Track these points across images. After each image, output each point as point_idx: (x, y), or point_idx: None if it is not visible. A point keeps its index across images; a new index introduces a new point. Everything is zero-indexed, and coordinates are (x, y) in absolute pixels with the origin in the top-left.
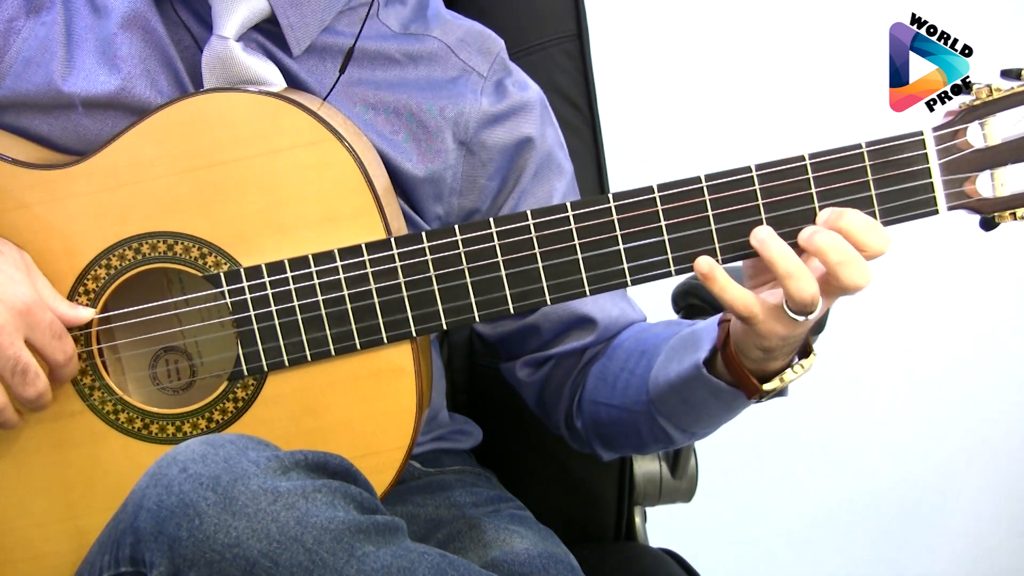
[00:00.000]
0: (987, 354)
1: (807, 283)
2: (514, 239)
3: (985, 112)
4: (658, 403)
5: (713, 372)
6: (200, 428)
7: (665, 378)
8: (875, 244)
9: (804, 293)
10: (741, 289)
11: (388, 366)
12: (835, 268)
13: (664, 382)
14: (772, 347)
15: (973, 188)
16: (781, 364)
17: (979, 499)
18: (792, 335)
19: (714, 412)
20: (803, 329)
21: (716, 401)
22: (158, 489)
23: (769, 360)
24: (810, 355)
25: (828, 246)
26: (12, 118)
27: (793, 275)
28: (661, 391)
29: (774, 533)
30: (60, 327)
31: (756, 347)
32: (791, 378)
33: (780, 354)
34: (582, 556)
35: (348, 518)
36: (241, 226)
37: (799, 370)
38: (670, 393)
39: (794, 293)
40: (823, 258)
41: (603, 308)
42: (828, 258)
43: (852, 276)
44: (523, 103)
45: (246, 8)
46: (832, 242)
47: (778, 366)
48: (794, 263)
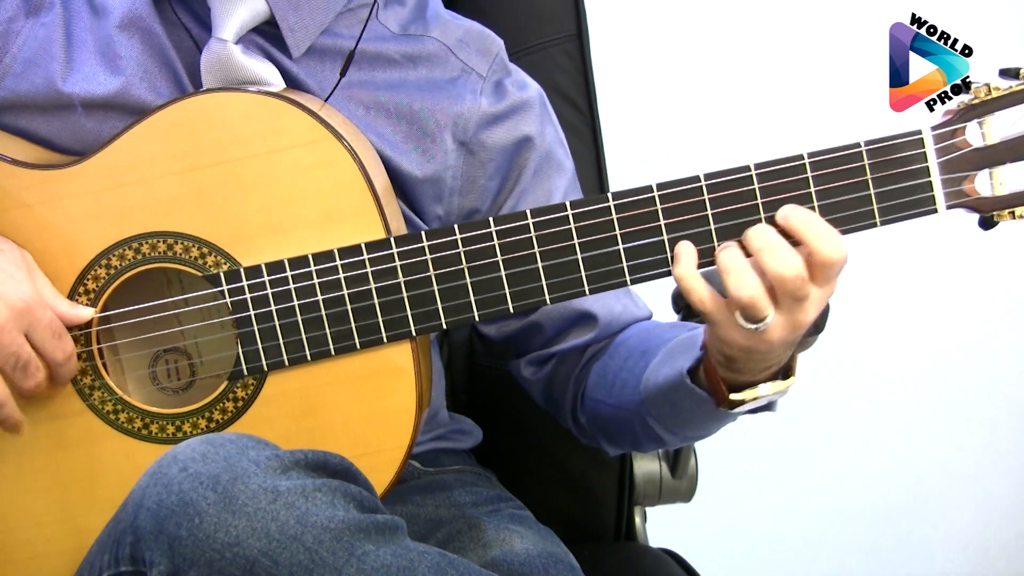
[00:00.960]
0: (987, 354)
1: (744, 279)
2: (513, 238)
3: (984, 111)
4: (648, 405)
5: (697, 381)
6: (200, 428)
7: (655, 381)
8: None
9: (739, 290)
10: (699, 279)
11: (388, 366)
12: (756, 255)
13: (653, 385)
14: (733, 356)
15: (972, 187)
16: (752, 378)
17: (979, 499)
18: (753, 349)
19: (698, 419)
20: (765, 346)
21: (698, 408)
22: (158, 488)
23: (734, 371)
24: (790, 377)
25: (752, 234)
26: (12, 119)
27: (731, 270)
28: (651, 394)
29: (774, 533)
30: (60, 326)
31: (719, 352)
32: (763, 392)
33: (745, 368)
34: (582, 556)
35: (348, 517)
36: (241, 226)
37: (772, 388)
38: (658, 396)
39: (731, 290)
40: (749, 247)
41: (605, 305)
42: (750, 244)
43: (772, 262)
44: (522, 102)
45: (245, 10)
46: (755, 230)
47: (747, 379)
48: (732, 258)
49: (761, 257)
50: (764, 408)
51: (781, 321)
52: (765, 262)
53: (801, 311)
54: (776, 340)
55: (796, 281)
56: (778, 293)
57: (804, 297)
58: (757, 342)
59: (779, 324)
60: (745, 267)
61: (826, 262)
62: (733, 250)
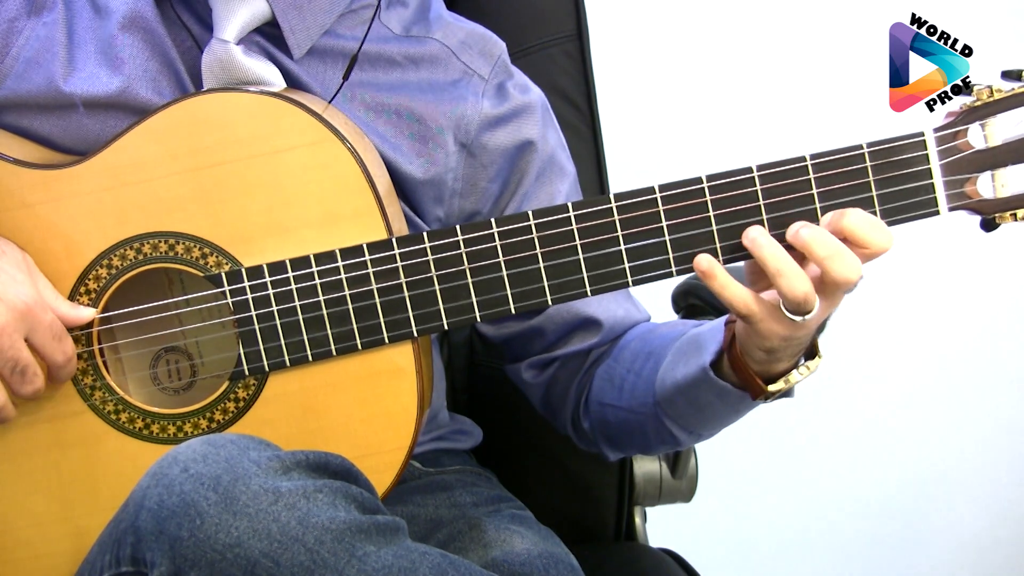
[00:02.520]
0: (988, 355)
1: (797, 280)
2: (515, 239)
3: (986, 113)
4: (664, 405)
5: (719, 374)
6: (201, 428)
7: (672, 380)
8: (877, 241)
9: (795, 290)
10: (740, 287)
11: (389, 366)
12: (822, 263)
13: (671, 384)
14: (774, 348)
15: (974, 189)
16: (786, 365)
17: (981, 500)
18: (794, 336)
19: (721, 414)
20: (805, 331)
21: (722, 403)
22: (159, 489)
23: (773, 361)
24: (816, 357)
25: (813, 240)
26: (14, 118)
27: (783, 272)
28: (667, 393)
29: (774, 533)
30: (60, 328)
31: (759, 348)
32: (796, 379)
33: (784, 356)
34: (582, 556)
35: (349, 518)
36: (242, 226)
37: (804, 372)
38: (676, 395)
39: (785, 291)
40: (809, 253)
41: (607, 309)
42: (814, 252)
43: (840, 269)
44: (524, 106)
45: (247, 11)
46: (816, 236)
47: (783, 367)
48: (783, 260)
49: (829, 264)
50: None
51: (822, 308)
52: (833, 269)
53: (841, 297)
54: (814, 324)
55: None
56: (830, 289)
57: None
58: (798, 329)
59: (820, 311)
60: (797, 268)
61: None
62: (778, 251)
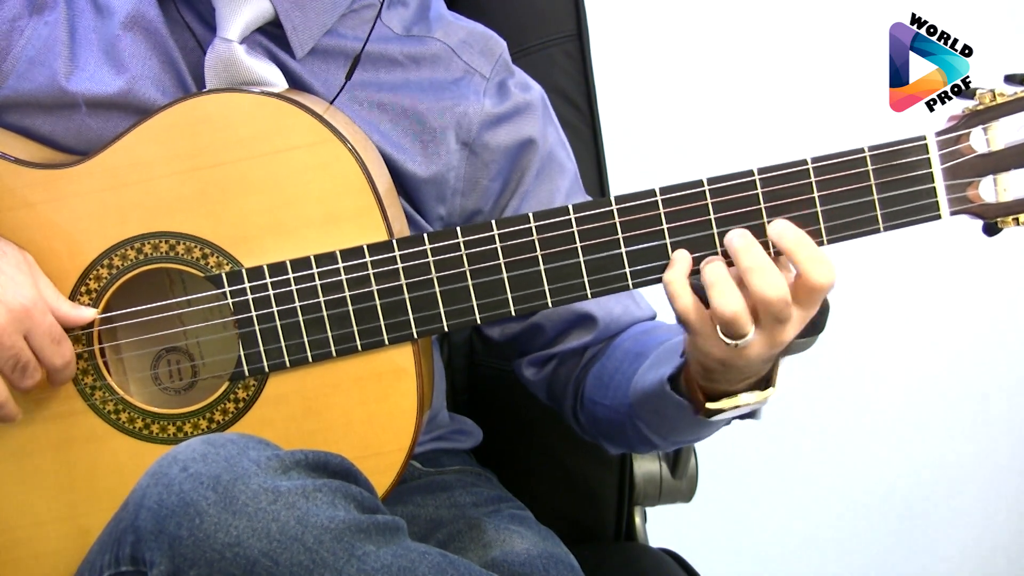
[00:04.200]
0: (989, 357)
1: (728, 296)
2: (516, 241)
3: (988, 117)
4: (636, 409)
5: (679, 387)
6: (201, 428)
7: (642, 386)
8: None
9: (724, 306)
10: (686, 289)
11: (389, 367)
12: (744, 274)
13: (640, 390)
14: (711, 368)
15: (976, 193)
16: (729, 388)
17: (982, 500)
18: (732, 364)
19: (681, 426)
20: (743, 362)
21: (679, 416)
22: (159, 488)
23: (712, 381)
24: (768, 388)
25: (740, 251)
26: (16, 118)
27: (715, 284)
28: (638, 398)
29: (774, 533)
30: (59, 331)
31: (696, 362)
32: (741, 402)
33: (723, 379)
34: (582, 556)
35: (349, 517)
36: (243, 226)
37: (749, 398)
38: (644, 401)
39: (715, 304)
40: (736, 262)
41: (604, 306)
42: (739, 262)
43: (758, 284)
44: (525, 104)
45: (250, 11)
46: (744, 249)
47: (725, 388)
48: (717, 272)
49: (748, 277)
50: (747, 416)
51: (761, 339)
52: (752, 283)
53: (781, 331)
54: (754, 356)
55: (780, 303)
56: (761, 313)
57: (787, 319)
58: (735, 357)
59: (759, 342)
60: (729, 283)
61: (814, 288)
62: (719, 264)
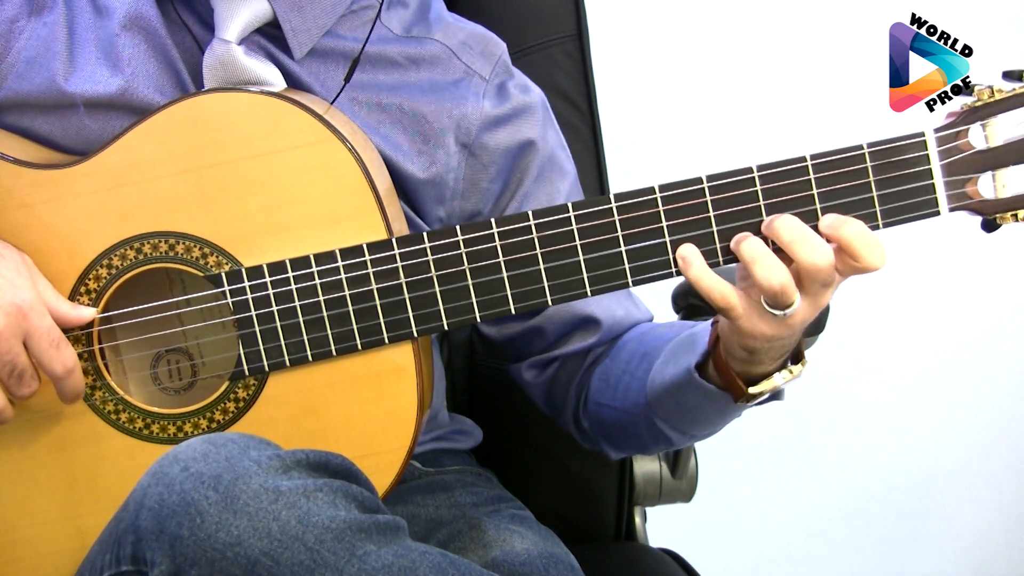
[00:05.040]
0: (989, 354)
1: (773, 268)
2: (516, 239)
3: (987, 113)
4: (655, 406)
5: (706, 375)
6: (201, 428)
7: (661, 381)
8: (870, 257)
9: (770, 278)
10: (717, 278)
11: (389, 366)
12: (789, 247)
13: (660, 385)
14: (756, 348)
15: (975, 189)
16: (768, 368)
17: (982, 499)
18: (778, 337)
19: (709, 416)
20: (789, 332)
21: (709, 405)
22: (159, 488)
23: (754, 363)
24: (800, 362)
25: (781, 227)
26: (14, 118)
27: (756, 259)
28: (657, 394)
29: (774, 533)
30: (58, 335)
31: (740, 346)
32: (778, 382)
33: (766, 357)
34: (582, 556)
35: (349, 517)
36: (242, 226)
37: (787, 375)
38: (665, 396)
39: (760, 279)
40: (777, 239)
41: (607, 308)
42: (781, 237)
43: (806, 254)
44: (525, 106)
45: (248, 12)
46: (784, 223)
47: (764, 370)
48: (757, 248)
49: (795, 249)
50: (773, 397)
51: (805, 304)
52: (799, 253)
53: (824, 295)
54: (798, 323)
55: (828, 269)
56: (806, 281)
57: (831, 283)
58: (782, 328)
59: (803, 308)
60: (771, 255)
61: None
62: (755, 240)
